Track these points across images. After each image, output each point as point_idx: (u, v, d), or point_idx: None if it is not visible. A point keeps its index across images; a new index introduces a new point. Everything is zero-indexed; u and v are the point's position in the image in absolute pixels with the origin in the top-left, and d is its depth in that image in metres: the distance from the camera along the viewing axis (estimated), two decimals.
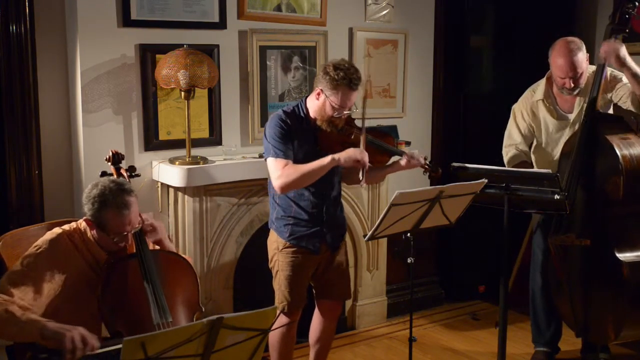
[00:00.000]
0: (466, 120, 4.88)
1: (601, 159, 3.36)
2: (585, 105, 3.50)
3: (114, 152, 2.98)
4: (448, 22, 4.75)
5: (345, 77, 2.99)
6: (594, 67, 3.58)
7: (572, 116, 3.60)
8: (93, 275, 2.65)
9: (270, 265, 3.28)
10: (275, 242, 3.23)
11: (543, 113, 3.66)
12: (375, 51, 4.42)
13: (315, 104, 3.09)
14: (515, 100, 3.80)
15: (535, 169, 3.59)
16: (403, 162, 3.22)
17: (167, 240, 2.92)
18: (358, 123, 3.21)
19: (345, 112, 3.06)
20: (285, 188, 3.06)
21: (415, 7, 4.58)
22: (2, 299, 2.43)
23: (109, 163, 2.97)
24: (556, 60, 3.47)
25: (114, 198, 2.57)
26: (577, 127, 3.55)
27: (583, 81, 3.50)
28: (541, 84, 3.68)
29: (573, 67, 3.42)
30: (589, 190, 3.40)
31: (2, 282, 2.52)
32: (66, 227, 2.70)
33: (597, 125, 3.39)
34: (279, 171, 3.03)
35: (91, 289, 2.61)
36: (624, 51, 3.33)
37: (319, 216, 3.19)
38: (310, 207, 3.17)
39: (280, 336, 3.26)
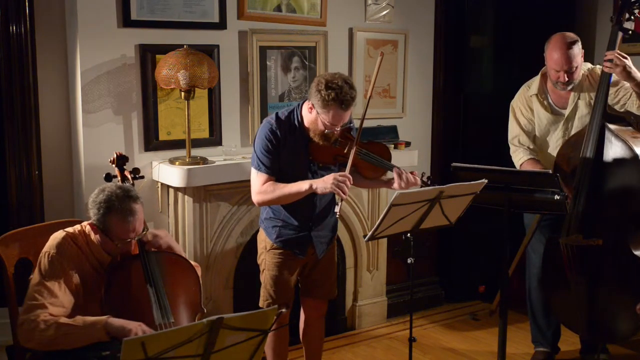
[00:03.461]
0: (466, 120, 4.88)
1: (615, 159, 3.34)
2: (579, 100, 3.52)
3: (118, 154, 2.98)
4: (448, 22, 4.75)
5: (337, 99, 2.89)
6: (589, 65, 3.58)
7: (566, 112, 3.60)
8: (97, 277, 2.66)
9: (258, 262, 3.31)
10: (263, 241, 3.26)
11: (537, 107, 3.67)
12: (375, 51, 4.42)
13: (308, 117, 3.04)
14: None
15: (535, 169, 3.59)
16: (397, 185, 3.08)
17: (176, 246, 2.92)
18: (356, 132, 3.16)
19: (337, 129, 3.00)
20: (261, 204, 3.14)
21: (415, 8, 4.58)
22: (46, 317, 2.46)
23: (113, 165, 2.96)
24: (551, 54, 3.49)
25: (120, 204, 2.58)
26: (571, 123, 3.57)
27: (577, 76, 3.51)
28: (536, 80, 3.70)
29: (568, 61, 3.43)
30: (599, 190, 3.38)
31: (31, 298, 2.53)
32: (70, 229, 2.71)
33: (608, 126, 3.38)
34: (258, 187, 3.07)
35: (95, 291, 2.62)
36: (629, 63, 3.33)
37: (308, 222, 3.19)
38: (300, 213, 3.17)
39: (272, 334, 3.25)
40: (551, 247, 3.58)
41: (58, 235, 2.67)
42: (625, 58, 3.32)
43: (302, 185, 3.00)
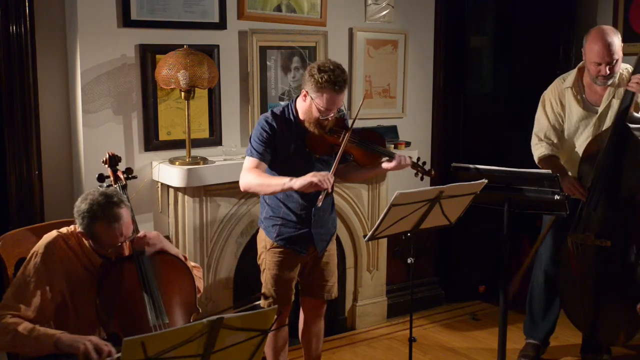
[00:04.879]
0: (466, 120, 4.88)
1: (632, 161, 3.32)
2: (613, 99, 3.47)
3: (110, 154, 2.97)
4: (448, 22, 4.74)
5: (330, 80, 2.93)
6: (627, 65, 3.51)
7: (599, 109, 3.54)
8: (89, 277, 2.65)
9: (259, 262, 3.32)
10: (263, 241, 3.26)
11: (570, 101, 3.60)
12: (375, 51, 4.42)
13: (303, 106, 3.08)
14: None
15: (535, 170, 3.58)
16: (388, 165, 3.16)
17: (170, 247, 2.91)
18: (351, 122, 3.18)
19: (331, 114, 3.04)
20: (244, 188, 3.14)
21: (415, 7, 4.58)
22: (9, 321, 2.47)
23: (106, 165, 2.96)
24: (592, 47, 3.41)
25: (102, 212, 2.55)
26: (604, 121, 3.51)
27: (618, 69, 3.44)
28: (572, 73, 3.63)
29: (610, 53, 3.35)
30: (616, 191, 3.37)
31: (8, 296, 2.55)
32: (63, 230, 2.70)
33: (628, 128, 3.35)
34: (245, 171, 3.10)
35: (90, 291, 2.61)
36: None
37: (307, 219, 3.19)
38: (299, 209, 3.17)
39: (272, 334, 3.25)
40: (564, 242, 3.56)
41: (50, 235, 2.67)
42: None
43: (281, 180, 3.00)
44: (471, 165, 3.28)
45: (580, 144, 3.59)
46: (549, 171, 3.19)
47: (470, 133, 4.88)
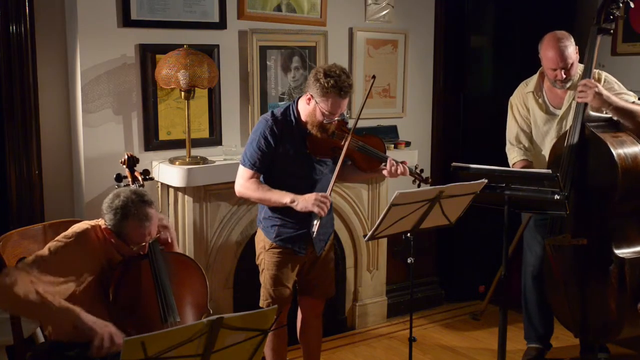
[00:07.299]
0: (466, 120, 4.88)
1: (595, 159, 3.36)
2: (574, 101, 3.51)
3: (129, 155, 3.01)
4: (448, 22, 4.75)
5: (336, 86, 2.96)
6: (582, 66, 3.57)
7: (560, 112, 3.61)
8: (106, 274, 2.67)
9: (257, 263, 3.32)
10: (262, 242, 3.26)
11: (532, 105, 3.68)
12: (375, 51, 4.42)
13: (306, 109, 3.09)
14: None
15: (535, 169, 3.59)
16: (385, 172, 3.21)
17: (175, 243, 2.93)
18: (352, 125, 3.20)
19: (335, 118, 3.06)
20: (240, 197, 3.22)
21: (415, 7, 4.58)
22: (32, 279, 2.42)
23: (124, 166, 2.98)
24: (546, 53, 3.50)
25: (136, 210, 2.60)
26: (565, 122, 3.57)
27: (574, 72, 3.51)
28: (534, 78, 3.71)
29: (563, 58, 3.44)
30: (583, 189, 3.41)
31: (28, 263, 2.50)
32: (92, 222, 2.73)
33: (589, 126, 3.40)
34: (242, 180, 3.14)
35: (103, 288, 2.63)
36: (601, 89, 3.33)
37: (306, 219, 3.18)
38: (299, 211, 3.17)
39: (272, 334, 3.25)
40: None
41: (81, 224, 2.70)
42: (595, 86, 3.31)
43: (284, 197, 3.05)
44: (471, 165, 3.28)
45: (547, 147, 3.65)
46: (549, 171, 3.19)
47: (470, 133, 4.88)
